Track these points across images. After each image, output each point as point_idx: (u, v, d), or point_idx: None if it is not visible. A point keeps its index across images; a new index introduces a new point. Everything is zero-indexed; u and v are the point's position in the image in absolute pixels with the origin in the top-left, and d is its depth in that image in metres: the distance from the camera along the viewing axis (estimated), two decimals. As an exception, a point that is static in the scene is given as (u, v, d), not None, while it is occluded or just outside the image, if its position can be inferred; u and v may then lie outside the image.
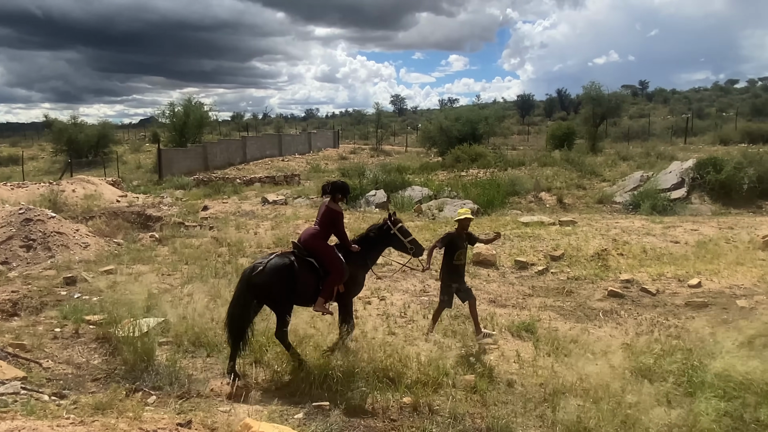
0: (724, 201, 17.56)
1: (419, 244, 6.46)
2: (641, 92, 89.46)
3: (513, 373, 5.75)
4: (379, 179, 20.14)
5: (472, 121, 34.37)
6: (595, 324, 7.40)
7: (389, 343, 6.13)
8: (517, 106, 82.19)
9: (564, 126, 35.02)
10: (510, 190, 19.14)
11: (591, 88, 34.51)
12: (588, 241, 11.27)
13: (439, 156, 33.46)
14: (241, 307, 5.57)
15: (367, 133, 58.40)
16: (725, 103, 70.04)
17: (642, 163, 24.17)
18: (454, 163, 26.49)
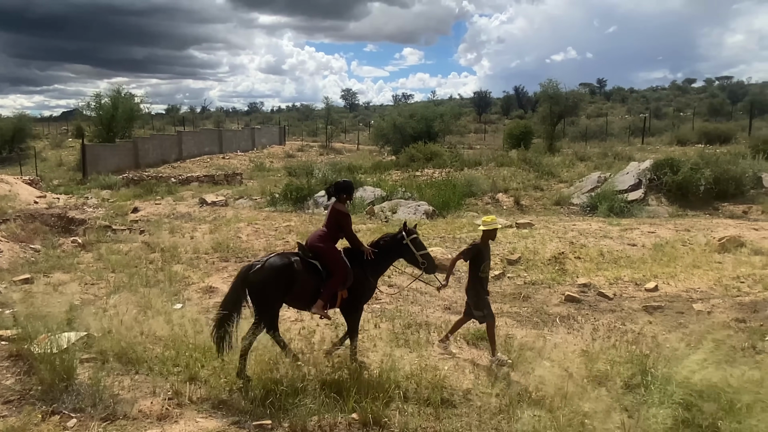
0: (681, 202, 18.42)
1: (432, 259, 6.41)
2: (599, 91, 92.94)
3: (468, 383, 5.82)
4: (329, 179, 20.04)
5: (427, 119, 34.81)
6: (552, 330, 7.60)
7: (338, 355, 6.10)
8: (474, 104, 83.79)
9: (521, 125, 35.95)
10: (466, 191, 19.45)
11: (548, 86, 35.55)
12: (545, 244, 11.58)
13: (392, 155, 33.70)
14: (233, 303, 5.76)
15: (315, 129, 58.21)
16: (683, 102, 73.63)
17: (599, 163, 25.06)
18: (408, 163, 26.70)
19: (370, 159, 33.85)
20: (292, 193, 18.39)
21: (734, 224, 13.44)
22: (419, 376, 5.71)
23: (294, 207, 17.84)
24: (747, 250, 10.78)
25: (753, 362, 6.01)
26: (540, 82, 37.38)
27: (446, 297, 9.04)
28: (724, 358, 5.90)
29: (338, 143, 49.69)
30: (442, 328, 7.45)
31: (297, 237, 12.70)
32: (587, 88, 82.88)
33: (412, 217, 15.60)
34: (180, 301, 8.56)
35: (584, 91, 68.94)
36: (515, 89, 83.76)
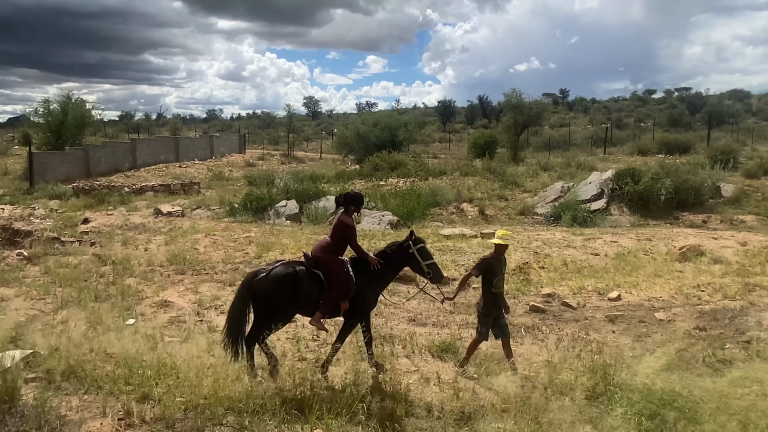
0: (642, 212, 18.97)
1: (439, 269, 6.40)
2: (562, 101, 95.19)
3: (433, 396, 5.83)
4: (291, 188, 19.95)
5: (391, 127, 35.00)
6: (517, 341, 7.68)
7: (299, 370, 6.03)
8: (439, 113, 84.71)
9: (486, 134, 36.54)
10: (431, 200, 19.60)
11: (512, 96, 36.25)
12: (509, 254, 11.67)
13: (356, 164, 33.73)
14: (239, 310, 5.97)
15: (277, 137, 57.81)
16: (643, 113, 76.01)
17: (563, 173, 25.63)
18: (372, 172, 26.77)
19: (334, 168, 33.78)
20: (253, 203, 18.19)
21: (694, 233, 13.90)
22: (383, 391, 5.69)
23: (254, 217, 17.64)
24: (707, 259, 11.16)
25: (714, 370, 6.21)
26: (504, 92, 38.04)
27: (411, 308, 9.06)
28: (686, 366, 6.09)
29: (300, 152, 49.46)
30: (407, 341, 7.45)
31: (257, 248, 12.58)
32: (550, 99, 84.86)
33: (376, 227, 15.62)
34: (133, 316, 8.34)
35: (547, 101, 70.56)
36: (479, 99, 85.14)
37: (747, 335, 7.47)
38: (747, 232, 14.30)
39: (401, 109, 77.41)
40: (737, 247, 11.97)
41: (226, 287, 9.88)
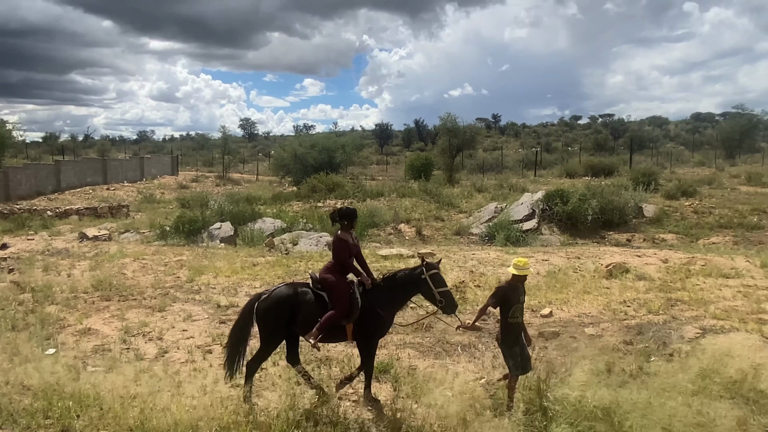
0: (571, 231, 19.69)
1: (453, 298, 6.07)
2: (494, 125, 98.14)
3: (370, 419, 5.75)
4: (226, 210, 19.52)
5: (329, 149, 35.04)
6: (454, 359, 7.73)
7: (232, 397, 5.83)
8: (376, 135, 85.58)
9: (422, 157, 37.13)
10: (369, 221, 19.64)
11: (447, 120, 37.13)
12: (446, 273, 11.84)
13: (293, 185, 33.47)
14: (240, 331, 6.05)
15: (212, 159, 56.60)
16: (570, 137, 79.47)
17: (496, 194, 26.32)
18: (310, 193, 26.64)
19: (270, 190, 33.36)
20: (185, 226, 17.66)
21: (619, 251, 14.51)
22: (319, 414, 5.57)
23: (187, 240, 17.12)
24: (631, 275, 11.65)
25: (640, 382, 6.43)
26: (439, 116, 38.90)
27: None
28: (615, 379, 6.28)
29: (236, 174, 48.60)
30: (345, 363, 7.35)
31: (189, 272, 12.19)
32: (483, 123, 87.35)
33: (314, 249, 15.47)
34: (53, 345, 7.85)
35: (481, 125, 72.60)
36: (416, 122, 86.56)
37: (670, 348, 7.79)
38: (668, 250, 15.07)
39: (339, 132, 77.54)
40: (659, 264, 12.56)
41: (155, 313, 9.49)
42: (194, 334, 8.46)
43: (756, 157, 45.25)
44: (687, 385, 5.63)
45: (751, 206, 22.36)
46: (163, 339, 8.28)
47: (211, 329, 8.67)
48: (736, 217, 21.15)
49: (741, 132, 47.77)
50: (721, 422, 5.11)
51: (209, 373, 6.87)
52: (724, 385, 6.24)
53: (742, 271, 11.66)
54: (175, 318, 9.22)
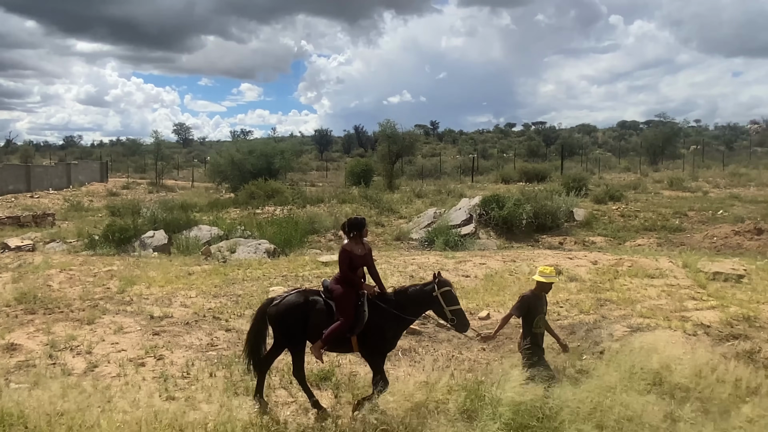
0: (507, 235, 20.21)
1: (464, 317, 5.92)
2: (433, 132, 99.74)
3: (310, 427, 5.70)
4: (159, 218, 18.89)
5: (267, 155, 34.57)
6: (395, 364, 7.76)
7: (167, 411, 5.64)
8: (315, 141, 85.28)
9: (362, 163, 37.25)
10: (309, 228, 19.51)
11: (386, 126, 37.41)
12: (386, 278, 11.91)
13: (231, 192, 32.83)
14: (254, 335, 6.20)
15: (144, 165, 54.68)
16: (505, 144, 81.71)
17: (435, 200, 26.71)
18: (248, 200, 26.21)
19: (207, 196, 32.57)
20: (115, 235, 16.96)
21: (552, 254, 15.00)
22: (259, 425, 5.47)
23: (117, 249, 16.45)
24: (564, 277, 12.06)
25: (573, 380, 6.66)
26: (379, 122, 39.15)
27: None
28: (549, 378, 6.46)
29: (170, 180, 47.18)
30: (285, 371, 7.24)
31: (120, 282, 11.72)
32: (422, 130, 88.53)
33: (252, 256, 15.20)
34: (-30, 363, 7.36)
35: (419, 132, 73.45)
36: (355, 128, 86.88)
37: (601, 346, 8.11)
38: (597, 252, 15.70)
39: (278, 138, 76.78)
40: (589, 265, 13.07)
41: (83, 326, 9.06)
42: (126, 347, 8.13)
43: (677, 163, 47.85)
44: (617, 382, 5.87)
45: (673, 209, 23.64)
46: (92, 353, 7.92)
47: (144, 341, 8.36)
48: (660, 220, 22.29)
49: (663, 139, 50.48)
50: (648, 415, 5.36)
51: (142, 387, 6.63)
52: (650, 380, 6.55)
53: (666, 271, 12.29)
54: (105, 330, 8.84)
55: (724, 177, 33.86)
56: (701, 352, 7.09)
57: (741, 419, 5.42)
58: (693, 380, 6.46)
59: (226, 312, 9.78)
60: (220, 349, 8.14)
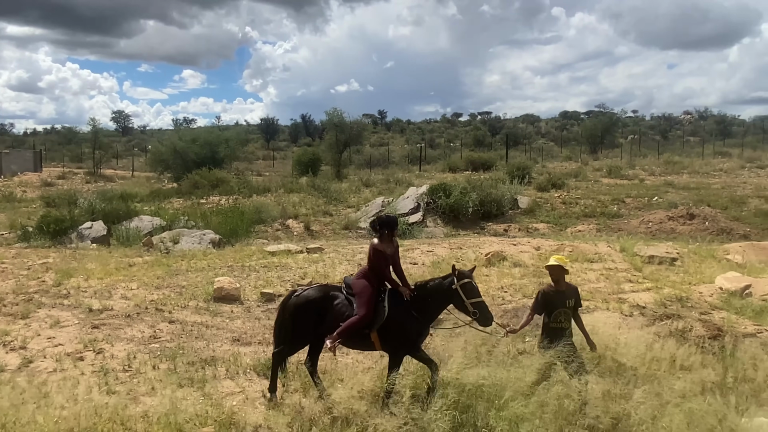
0: (454, 223, 20.50)
1: (487, 310, 5.64)
2: (381, 121, 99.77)
3: (259, 416, 5.64)
4: (97, 209, 18.21)
5: (211, 144, 33.81)
6: (344, 351, 7.75)
7: (107, 405, 5.47)
8: (261, 130, 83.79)
9: (309, 152, 36.93)
10: (255, 218, 19.24)
11: (334, 115, 37.15)
12: (335, 267, 11.91)
13: (173, 182, 31.97)
14: (278, 327, 6.15)
15: (81, 154, 52.41)
16: (452, 134, 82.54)
17: (383, 189, 26.78)
18: (191, 190, 25.64)
19: (148, 186, 31.60)
20: (51, 226, 16.23)
21: (497, 241, 15.32)
22: (204, 417, 5.37)
23: (53, 241, 15.78)
24: (508, 263, 12.35)
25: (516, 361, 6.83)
26: (326, 111, 38.68)
27: (235, 328, 8.72)
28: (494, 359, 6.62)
29: (109, 170, 45.40)
30: (231, 362, 7.14)
31: (56, 275, 11.25)
32: (370, 119, 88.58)
33: (197, 247, 14.86)
34: None
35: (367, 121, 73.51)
36: (302, 117, 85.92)
37: (447, 324, 8.39)
38: (540, 238, 16.15)
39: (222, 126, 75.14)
40: (532, 251, 13.43)
41: (17, 320, 8.65)
42: (63, 341, 7.82)
43: (616, 151, 49.56)
44: (558, 362, 6.06)
45: (612, 197, 24.52)
46: (27, 348, 7.58)
47: (83, 335, 8.06)
48: (599, 206, 23.09)
49: (602, 129, 52.09)
50: (588, 394, 5.56)
51: (81, 382, 6.40)
52: (590, 359, 6.80)
53: (604, 255, 12.76)
54: (41, 325, 8.47)
55: (659, 165, 35.29)
56: (637, 331, 7.40)
57: (675, 395, 5.70)
58: (630, 359, 6.75)
59: (170, 303, 9.55)
60: (164, 342, 7.94)
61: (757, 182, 27.72)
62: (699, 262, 12.59)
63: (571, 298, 5.90)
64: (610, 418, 5.10)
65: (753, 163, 34.06)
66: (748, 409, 5.22)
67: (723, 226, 19.34)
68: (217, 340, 8.16)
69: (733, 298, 9.84)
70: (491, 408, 5.23)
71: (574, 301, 5.91)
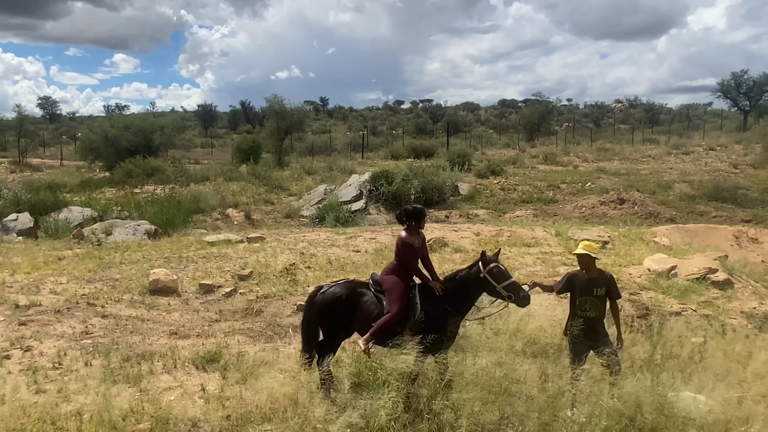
0: (396, 210, 20.57)
1: (520, 289, 5.45)
2: (322, 108, 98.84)
3: (197, 410, 5.52)
4: (23, 199, 17.29)
5: (145, 131, 32.62)
6: (285, 341, 7.71)
7: (36, 404, 5.22)
8: (199, 117, 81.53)
9: (249, 139, 36.18)
10: (193, 207, 18.80)
11: (274, 102, 36.46)
12: (276, 256, 11.76)
13: (105, 171, 30.70)
14: (306, 324, 6.03)
15: (5, 143, 49.47)
16: (394, 121, 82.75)
17: (325, 176, 26.62)
18: (125, 179, 24.73)
19: (78, 176, 30.16)
20: (-29, 219, 15.31)
21: (439, 227, 15.52)
22: (140, 413, 5.21)
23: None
24: (449, 249, 12.54)
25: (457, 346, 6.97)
26: (266, 98, 37.89)
27: (172, 321, 8.49)
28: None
29: (36, 159, 43.07)
30: (168, 356, 6.94)
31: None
32: (311, 106, 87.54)
33: (131, 238, 14.35)
34: None
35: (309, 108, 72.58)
36: (242, 104, 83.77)
37: (482, 312, 8.54)
38: (480, 224, 16.47)
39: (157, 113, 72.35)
40: (473, 237, 13.68)
41: (-68, 321, 8.11)
42: (-14, 340, 7.40)
43: (551, 139, 50.96)
44: (497, 345, 6.21)
45: (548, 183, 25.28)
46: (-55, 348, 7.13)
47: (9, 332, 7.64)
48: (536, 192, 23.76)
49: (539, 117, 53.41)
50: (525, 375, 5.74)
51: (8, 381, 6.08)
52: (527, 341, 7.01)
53: (541, 239, 13.16)
54: (-39, 324, 7.98)
55: (592, 152, 36.58)
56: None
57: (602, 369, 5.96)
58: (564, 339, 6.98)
59: (102, 297, 9.19)
60: (96, 337, 7.64)
61: (682, 168, 29.20)
62: (629, 244, 13.16)
63: (602, 287, 5.58)
64: (546, 396, 5.27)
65: (678, 149, 35.79)
66: (674, 384, 5.50)
67: (651, 210, 20.31)
68: (154, 333, 7.93)
69: (659, 278, 10.36)
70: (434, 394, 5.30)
71: (605, 290, 5.59)
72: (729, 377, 6.29)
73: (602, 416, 4.79)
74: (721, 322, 8.58)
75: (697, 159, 31.96)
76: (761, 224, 18.35)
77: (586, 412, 4.97)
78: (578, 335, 5.52)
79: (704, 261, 10.89)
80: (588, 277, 5.58)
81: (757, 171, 27.08)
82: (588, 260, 5.63)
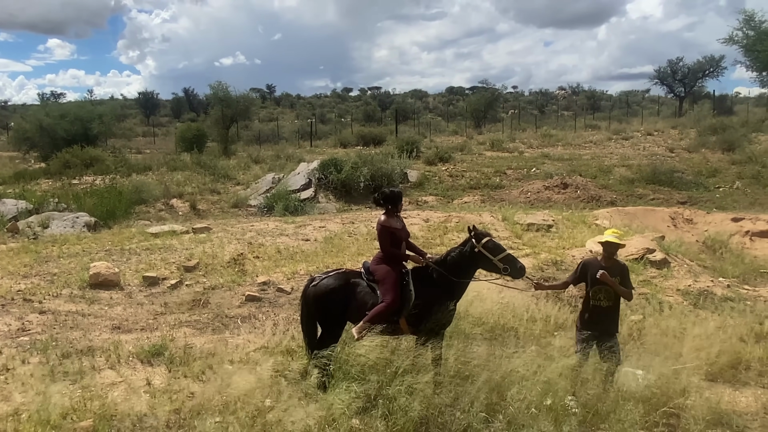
0: (346, 198, 20.58)
1: (516, 261, 5.41)
2: (269, 96, 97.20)
3: (143, 405, 5.37)
4: (-50, 193, 16.32)
5: (83, 120, 31.30)
6: (234, 332, 7.59)
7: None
8: (140, 105, 78.86)
9: (194, 128, 35.23)
10: (135, 198, 18.25)
11: (219, 89, 35.60)
12: (224, 247, 11.54)
13: (41, 161, 29.37)
14: (303, 317, 5.90)
15: (-72, 132, 46.61)
16: (343, 109, 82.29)
17: (273, 165, 26.25)
18: (62, 170, 23.70)
19: (12, 167, 28.72)
20: None
21: (388, 214, 15.57)
22: (83, 410, 5.03)
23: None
24: (399, 235, 12.60)
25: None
26: (210, 85, 36.83)
27: (115, 316, 8.21)
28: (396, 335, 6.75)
29: (-36, 149, 40.84)
30: (111, 351, 6.72)
31: None
32: (258, 93, 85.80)
33: (70, 231, 13.78)
34: None
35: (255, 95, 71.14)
36: (185, 91, 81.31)
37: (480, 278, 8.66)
38: (429, 210, 16.60)
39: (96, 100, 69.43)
40: (422, 223, 13.79)
41: None
42: None
43: (498, 126, 51.79)
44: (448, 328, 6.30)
45: (494, 169, 25.72)
46: None
47: (-62, 333, 7.23)
48: (483, 178, 24.15)
49: (485, 104, 54.10)
50: (475, 357, 5.86)
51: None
52: (475, 324, 7.15)
53: (488, 224, 13.36)
54: None
55: (536, 138, 37.37)
56: (517, 294, 7.85)
57: (552, 350, 6.14)
58: (510, 320, 7.16)
59: (39, 293, 8.80)
60: (34, 334, 7.31)
61: (622, 152, 30.21)
62: (572, 227, 13.55)
63: (615, 276, 5.52)
64: (500, 376, 5.40)
65: (618, 135, 37.00)
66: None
67: (593, 194, 20.99)
68: (95, 329, 7.65)
69: (601, 259, 10.72)
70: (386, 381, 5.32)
71: (618, 279, 5.53)
72: (666, 352, 6.60)
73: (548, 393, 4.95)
74: (658, 299, 8.97)
75: (636, 144, 33.11)
76: (696, 205, 19.27)
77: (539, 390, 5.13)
78: (586, 324, 5.65)
79: (643, 242, 11.33)
80: (603, 265, 5.56)
81: (692, 155, 28.30)
82: (615, 248, 5.62)
